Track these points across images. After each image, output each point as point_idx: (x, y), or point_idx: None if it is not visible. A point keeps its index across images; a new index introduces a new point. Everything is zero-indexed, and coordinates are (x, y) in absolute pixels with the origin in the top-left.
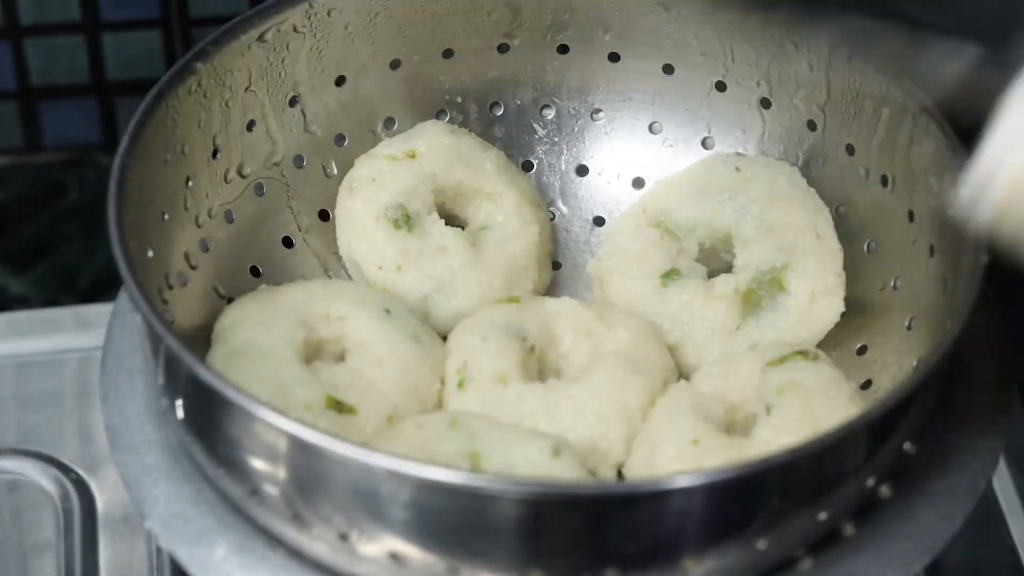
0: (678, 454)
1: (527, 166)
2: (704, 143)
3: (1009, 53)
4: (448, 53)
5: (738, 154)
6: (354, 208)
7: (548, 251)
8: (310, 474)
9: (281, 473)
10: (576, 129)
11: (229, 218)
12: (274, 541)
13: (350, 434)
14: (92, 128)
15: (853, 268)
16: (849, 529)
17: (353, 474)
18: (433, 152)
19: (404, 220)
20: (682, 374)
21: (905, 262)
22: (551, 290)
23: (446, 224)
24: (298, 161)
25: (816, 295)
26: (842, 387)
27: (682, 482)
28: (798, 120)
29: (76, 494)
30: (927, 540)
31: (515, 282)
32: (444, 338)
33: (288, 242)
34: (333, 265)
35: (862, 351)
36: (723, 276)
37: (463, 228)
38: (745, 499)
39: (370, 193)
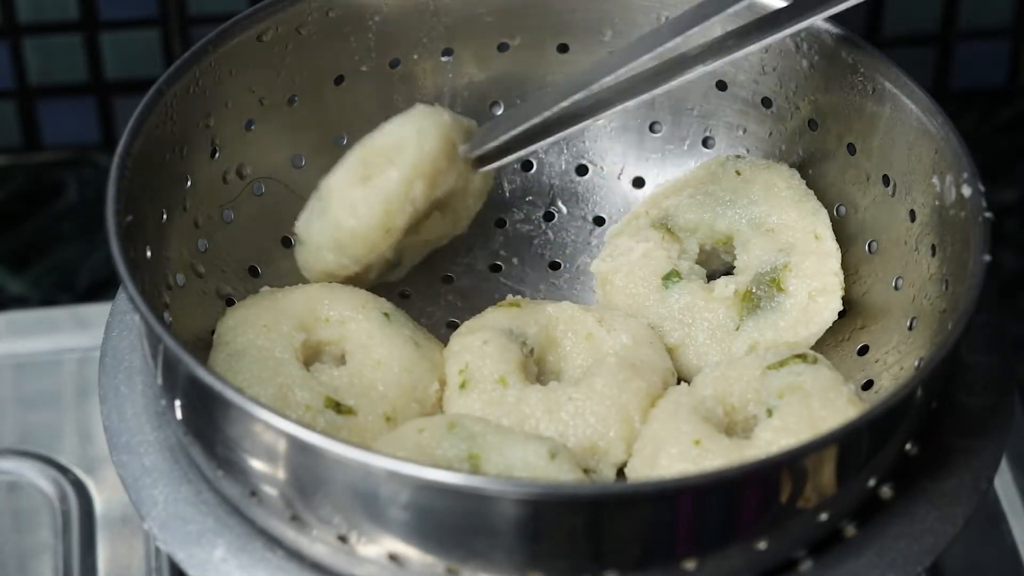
0: (680, 455)
1: (527, 166)
2: (704, 143)
3: None
4: (447, 52)
5: (738, 157)
6: None
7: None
8: (309, 475)
9: (280, 474)
10: None
11: (228, 218)
12: (273, 542)
13: (350, 435)
14: (90, 127)
15: (854, 268)
16: (850, 530)
17: (352, 475)
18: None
19: None
20: (683, 375)
21: (906, 262)
22: (552, 291)
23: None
24: (297, 161)
25: (814, 295)
26: (841, 389)
27: (683, 483)
28: (798, 120)
29: (74, 495)
30: (929, 541)
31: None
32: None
33: (287, 242)
34: None
35: (863, 351)
36: (723, 278)
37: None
38: (746, 500)
39: None
